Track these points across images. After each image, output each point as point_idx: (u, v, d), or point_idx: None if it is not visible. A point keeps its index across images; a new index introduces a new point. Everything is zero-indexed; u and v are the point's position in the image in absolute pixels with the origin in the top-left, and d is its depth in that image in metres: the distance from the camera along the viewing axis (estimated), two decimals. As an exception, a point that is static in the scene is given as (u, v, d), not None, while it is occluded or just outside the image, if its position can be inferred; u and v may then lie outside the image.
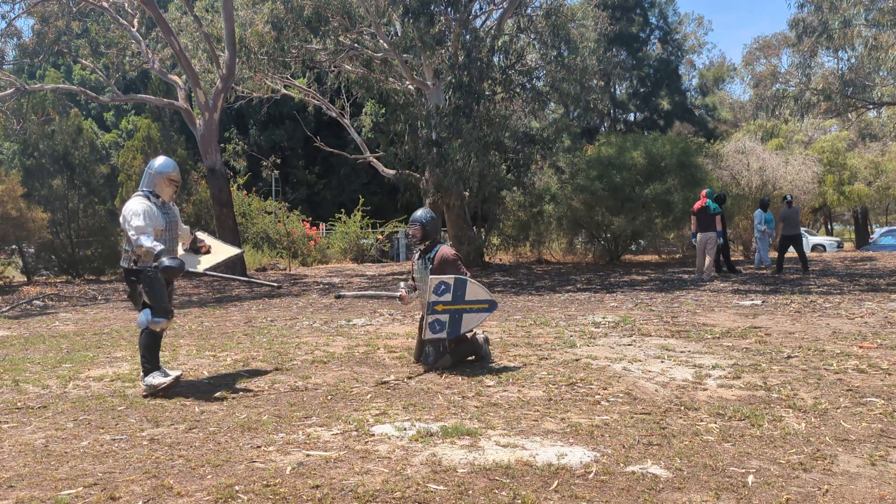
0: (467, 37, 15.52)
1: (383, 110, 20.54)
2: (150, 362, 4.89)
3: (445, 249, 5.67)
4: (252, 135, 30.97)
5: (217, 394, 4.87)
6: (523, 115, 18.65)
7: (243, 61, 16.38)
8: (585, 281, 13.78)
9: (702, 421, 3.92)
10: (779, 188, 19.82)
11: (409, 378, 5.20)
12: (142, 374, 4.92)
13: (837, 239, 30.09)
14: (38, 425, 4.17)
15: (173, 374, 4.90)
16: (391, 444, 3.61)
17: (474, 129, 14.64)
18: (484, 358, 5.65)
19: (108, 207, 19.43)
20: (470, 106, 15.03)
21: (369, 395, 4.69)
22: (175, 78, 17.42)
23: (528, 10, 17.63)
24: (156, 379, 4.82)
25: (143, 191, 5.08)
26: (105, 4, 17.11)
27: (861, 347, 6.02)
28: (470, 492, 2.95)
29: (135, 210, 4.93)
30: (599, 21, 18.76)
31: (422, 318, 5.50)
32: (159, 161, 5.18)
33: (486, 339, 5.81)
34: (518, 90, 17.11)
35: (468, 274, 5.64)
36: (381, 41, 16.35)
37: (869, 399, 4.31)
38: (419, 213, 5.73)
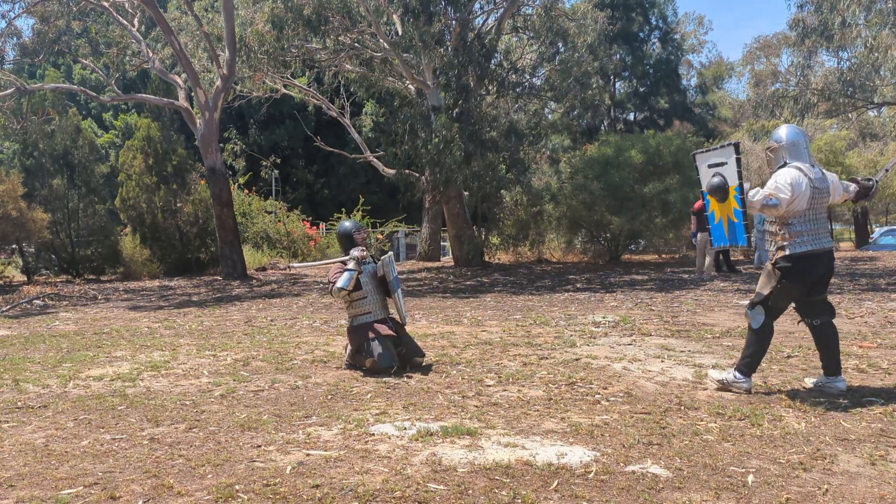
0: (467, 35, 15.53)
1: (383, 110, 20.55)
2: (748, 365, 4.47)
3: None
4: (252, 134, 30.96)
5: (217, 393, 4.87)
6: (519, 113, 18.67)
7: (243, 60, 16.37)
8: (585, 280, 13.78)
9: (702, 420, 3.92)
10: (778, 188, 19.78)
11: (410, 377, 5.21)
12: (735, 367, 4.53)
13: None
14: (39, 425, 4.17)
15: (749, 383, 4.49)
16: (391, 443, 3.62)
17: (467, 129, 14.66)
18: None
19: (108, 207, 19.42)
20: (468, 106, 15.04)
21: (369, 395, 4.69)
22: (175, 77, 17.41)
23: (529, 10, 17.64)
24: (739, 383, 4.47)
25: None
26: (105, 4, 17.10)
27: (861, 347, 6.03)
28: (470, 491, 2.95)
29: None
30: (599, 20, 18.74)
31: (383, 321, 5.58)
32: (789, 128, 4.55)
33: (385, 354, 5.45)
34: (516, 90, 17.11)
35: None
36: (382, 41, 16.35)
37: (869, 399, 4.31)
38: (354, 222, 5.92)
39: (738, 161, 4.42)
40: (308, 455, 3.45)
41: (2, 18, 17.29)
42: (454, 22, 15.99)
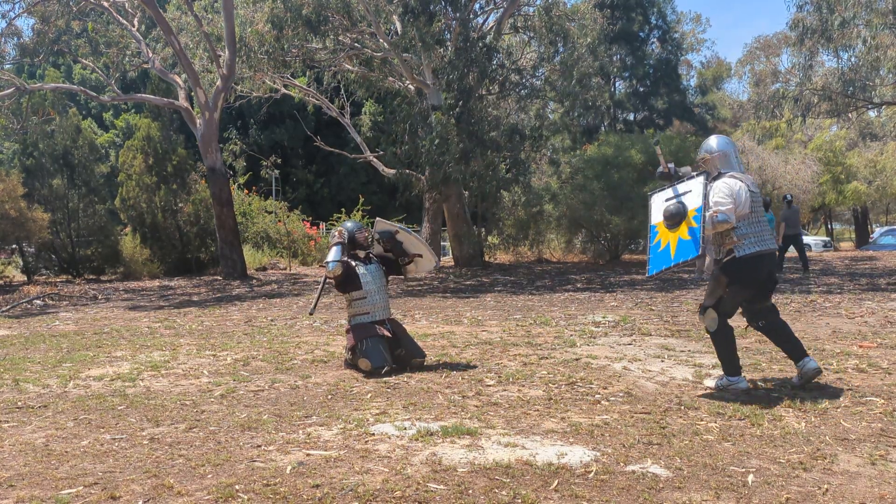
0: (469, 35, 15.53)
1: (381, 109, 20.53)
2: (730, 366, 4.56)
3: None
4: (252, 134, 30.95)
5: (217, 393, 4.86)
6: (518, 113, 18.68)
7: (243, 60, 16.37)
8: (585, 280, 13.78)
9: (702, 420, 3.92)
10: (778, 187, 19.82)
11: (410, 377, 5.21)
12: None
13: (825, 238, 29.64)
14: (39, 425, 4.17)
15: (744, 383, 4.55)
16: (391, 443, 3.62)
17: (466, 128, 14.67)
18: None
19: (108, 207, 19.42)
20: (467, 106, 15.04)
21: (369, 395, 4.69)
22: (175, 77, 17.41)
23: (530, 10, 17.64)
24: (733, 385, 4.52)
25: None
26: (105, 4, 17.10)
27: (861, 347, 6.02)
28: (470, 491, 2.95)
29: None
30: (599, 20, 18.76)
31: (382, 321, 5.62)
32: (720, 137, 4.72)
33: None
34: (517, 90, 17.12)
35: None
36: (381, 41, 16.35)
37: (869, 398, 4.31)
38: (355, 222, 5.96)
39: (706, 186, 4.50)
40: (308, 455, 3.45)
41: (2, 18, 17.29)
42: (454, 22, 15.99)
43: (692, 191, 4.55)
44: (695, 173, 4.68)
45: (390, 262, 5.85)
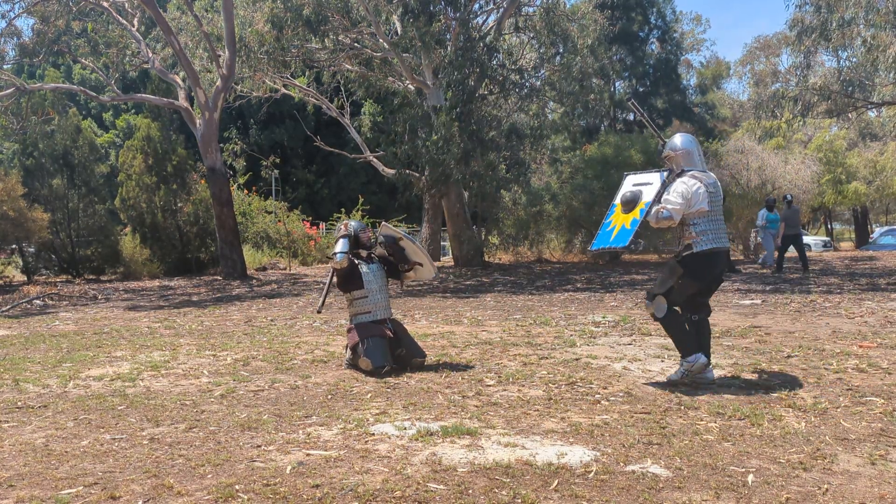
0: (470, 35, 15.53)
1: (380, 108, 20.52)
2: (684, 348, 4.72)
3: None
4: (252, 134, 30.96)
5: (217, 393, 4.86)
6: (520, 113, 18.70)
7: (243, 60, 16.37)
8: (585, 280, 13.78)
9: (702, 420, 3.92)
10: (778, 187, 19.82)
11: (410, 377, 5.21)
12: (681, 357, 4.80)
13: (825, 238, 29.61)
14: (39, 424, 4.17)
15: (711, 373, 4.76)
16: (391, 443, 3.62)
17: (468, 128, 14.67)
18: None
19: (107, 207, 19.42)
20: (469, 107, 15.05)
21: (369, 395, 4.69)
22: (175, 77, 17.41)
23: (531, 10, 17.65)
24: (693, 364, 4.68)
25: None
26: (105, 4, 17.10)
27: (861, 347, 6.02)
28: (470, 491, 2.95)
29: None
30: (599, 21, 18.73)
31: (383, 321, 5.64)
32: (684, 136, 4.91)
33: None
34: (517, 90, 17.12)
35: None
36: (381, 40, 16.36)
37: (869, 398, 4.31)
38: (358, 222, 5.95)
39: (664, 185, 4.66)
40: (308, 455, 3.45)
41: (2, 18, 17.28)
42: (454, 22, 15.99)
43: (652, 184, 4.72)
44: (663, 169, 4.84)
45: (391, 265, 5.86)
